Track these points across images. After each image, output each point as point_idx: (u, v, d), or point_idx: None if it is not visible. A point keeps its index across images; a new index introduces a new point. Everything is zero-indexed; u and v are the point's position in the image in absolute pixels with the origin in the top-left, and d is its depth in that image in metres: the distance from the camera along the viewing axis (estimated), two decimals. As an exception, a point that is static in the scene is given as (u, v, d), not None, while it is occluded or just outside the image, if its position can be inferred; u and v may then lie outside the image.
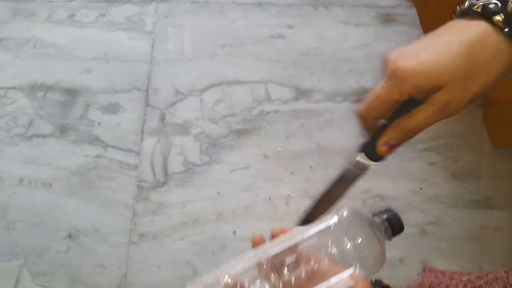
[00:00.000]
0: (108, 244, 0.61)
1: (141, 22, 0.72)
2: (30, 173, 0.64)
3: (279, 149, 0.66)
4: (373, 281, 0.39)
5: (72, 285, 0.60)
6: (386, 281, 0.40)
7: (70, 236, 0.62)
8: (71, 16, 0.72)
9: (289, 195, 0.63)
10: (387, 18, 0.72)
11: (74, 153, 0.65)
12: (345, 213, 0.38)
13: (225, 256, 0.61)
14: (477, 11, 0.30)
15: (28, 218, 0.62)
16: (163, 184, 0.64)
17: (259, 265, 0.37)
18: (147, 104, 0.68)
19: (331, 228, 0.38)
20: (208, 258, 0.61)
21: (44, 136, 0.66)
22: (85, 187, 0.64)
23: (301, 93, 0.69)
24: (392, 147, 0.33)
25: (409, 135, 0.32)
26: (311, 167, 0.65)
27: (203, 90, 0.69)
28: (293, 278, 0.36)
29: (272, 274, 0.36)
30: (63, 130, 0.66)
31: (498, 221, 0.63)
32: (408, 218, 0.63)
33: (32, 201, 0.63)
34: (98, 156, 0.65)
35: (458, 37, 0.30)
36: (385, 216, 0.38)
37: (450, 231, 0.63)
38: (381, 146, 0.33)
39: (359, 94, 0.69)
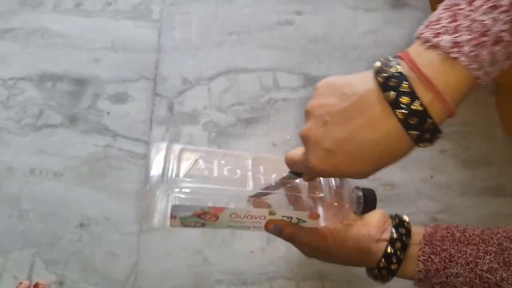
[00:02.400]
0: (119, 233, 0.62)
1: (148, 10, 0.71)
2: (41, 163, 0.65)
3: (288, 137, 0.66)
4: (394, 214, 0.43)
5: (84, 273, 0.61)
6: (405, 217, 0.44)
7: (81, 225, 0.62)
8: (78, 5, 0.71)
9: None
10: (397, 3, 0.71)
11: (83, 143, 0.66)
12: None
13: (235, 244, 0.62)
14: (387, 99, 0.30)
15: (40, 208, 0.63)
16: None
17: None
18: (155, 93, 0.68)
19: None
20: (218, 246, 0.62)
21: (54, 126, 0.67)
22: (95, 176, 0.64)
23: (310, 81, 0.68)
24: (312, 179, 0.42)
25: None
26: (320, 156, 0.65)
27: (211, 79, 0.68)
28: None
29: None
30: (72, 120, 0.67)
31: (510, 209, 0.62)
32: (419, 206, 0.63)
33: (44, 191, 0.64)
34: (107, 145, 0.66)
35: (367, 135, 0.31)
36: (365, 192, 0.46)
37: (461, 219, 0.62)
38: (304, 178, 0.41)
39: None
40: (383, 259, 0.44)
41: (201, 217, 0.41)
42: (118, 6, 0.71)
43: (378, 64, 0.32)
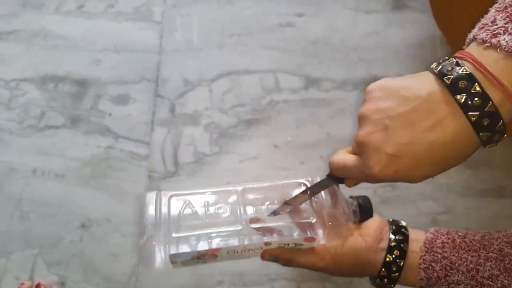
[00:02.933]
0: (120, 234, 0.62)
1: (150, 12, 0.72)
2: (43, 164, 0.65)
3: (289, 138, 0.66)
4: (390, 220, 0.43)
5: (85, 274, 0.61)
6: (402, 222, 0.44)
7: (83, 226, 0.63)
8: (80, 7, 0.72)
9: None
10: (398, 5, 0.71)
11: (85, 144, 0.66)
12: (318, 179, 0.45)
13: (236, 245, 0.62)
14: (459, 101, 0.29)
15: (41, 209, 0.63)
16: (174, 174, 0.64)
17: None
18: (156, 95, 0.68)
19: (301, 185, 0.46)
20: (219, 247, 0.62)
21: (56, 128, 0.67)
22: (97, 177, 0.64)
23: (311, 82, 0.68)
24: (355, 185, 0.39)
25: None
26: (321, 157, 0.65)
27: (212, 80, 0.69)
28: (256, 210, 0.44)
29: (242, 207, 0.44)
30: (74, 121, 0.67)
31: (511, 210, 0.62)
32: (420, 207, 0.63)
33: (46, 192, 0.64)
34: (109, 146, 0.66)
35: (434, 137, 0.30)
36: (360, 201, 0.46)
37: (462, 220, 0.62)
38: (348, 184, 0.40)
39: (369, 83, 0.68)
40: (383, 268, 0.44)
41: (201, 259, 0.43)
42: (119, 8, 0.72)
43: (437, 66, 0.31)
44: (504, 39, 0.29)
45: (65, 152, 0.66)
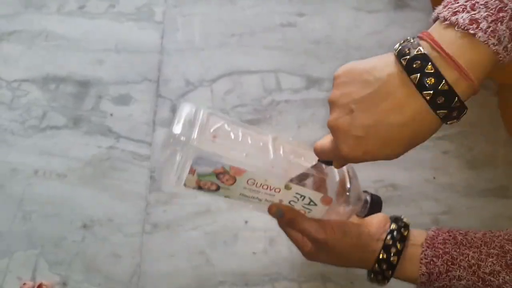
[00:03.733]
0: (122, 234, 0.62)
1: (151, 12, 0.72)
2: (45, 165, 0.65)
3: (291, 138, 0.65)
4: (393, 217, 0.46)
5: (87, 274, 0.61)
6: (404, 218, 0.46)
7: (85, 226, 0.63)
8: (81, 7, 0.72)
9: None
10: (400, 4, 0.71)
11: (87, 144, 0.66)
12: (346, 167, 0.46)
13: (237, 245, 0.62)
14: (413, 81, 0.30)
15: (43, 209, 0.63)
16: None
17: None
18: (158, 95, 0.68)
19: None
20: (220, 247, 0.62)
21: (58, 128, 0.67)
22: (99, 178, 0.64)
23: (312, 82, 0.68)
24: (342, 166, 0.41)
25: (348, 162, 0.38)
26: (323, 157, 0.65)
27: (214, 80, 0.69)
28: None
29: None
30: (76, 122, 0.67)
31: (513, 210, 0.62)
32: (422, 207, 0.63)
33: (47, 192, 0.64)
34: (110, 147, 0.66)
35: (395, 119, 0.32)
36: (372, 197, 0.47)
37: (464, 220, 0.62)
38: (335, 166, 0.40)
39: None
40: (382, 251, 0.44)
41: (219, 177, 0.42)
42: (121, 8, 0.72)
43: (398, 46, 0.32)
44: (462, 17, 0.30)
45: (66, 152, 0.66)
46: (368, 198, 0.48)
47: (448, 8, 0.31)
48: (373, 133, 0.33)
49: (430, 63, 0.30)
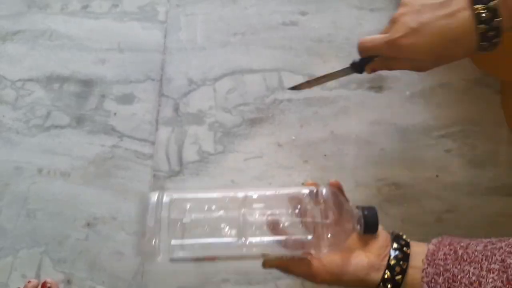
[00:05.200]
0: (126, 232, 0.63)
1: (154, 11, 0.72)
2: (49, 163, 0.66)
3: (293, 137, 0.66)
4: (393, 235, 0.44)
5: (91, 272, 0.61)
6: (405, 237, 0.45)
7: (88, 224, 0.63)
8: (84, 7, 0.72)
9: (303, 184, 0.63)
10: (402, 3, 0.71)
11: (90, 143, 0.66)
12: (324, 191, 0.44)
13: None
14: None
15: (47, 207, 0.64)
16: (178, 173, 0.65)
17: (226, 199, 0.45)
18: (161, 94, 0.68)
19: (304, 195, 0.45)
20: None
21: (62, 127, 0.67)
22: (102, 176, 0.65)
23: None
24: (374, 71, 0.49)
25: (389, 69, 0.47)
26: (325, 156, 0.65)
27: (216, 79, 0.69)
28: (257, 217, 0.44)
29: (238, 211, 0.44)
30: (79, 121, 0.67)
31: (516, 208, 0.62)
32: (424, 206, 0.63)
33: (51, 191, 0.65)
34: (114, 146, 0.66)
35: (449, 22, 0.40)
36: (365, 212, 0.44)
37: (467, 218, 0.62)
38: (367, 70, 0.49)
39: (373, 81, 0.68)
40: (387, 271, 0.43)
41: (200, 260, 0.46)
42: (124, 8, 0.72)
43: None
44: None
45: (70, 151, 0.66)
46: (360, 215, 0.44)
47: None
48: (426, 28, 0.40)
49: None
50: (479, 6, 0.39)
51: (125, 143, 0.66)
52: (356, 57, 0.50)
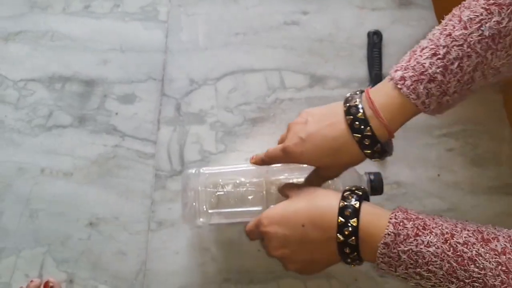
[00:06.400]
0: (128, 232, 0.63)
1: (155, 11, 0.72)
2: (51, 163, 0.66)
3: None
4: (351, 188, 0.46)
5: (94, 271, 0.62)
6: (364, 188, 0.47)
7: (91, 224, 0.63)
8: (86, 7, 0.72)
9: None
10: (403, 2, 0.71)
11: (92, 143, 0.67)
12: None
13: (242, 243, 0.62)
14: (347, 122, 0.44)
15: (50, 207, 0.64)
16: (180, 172, 0.65)
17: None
18: (162, 94, 0.68)
19: None
20: (225, 245, 0.62)
21: (64, 127, 0.68)
22: (104, 176, 0.65)
23: (316, 80, 0.68)
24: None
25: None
26: (327, 155, 0.65)
27: (218, 79, 0.69)
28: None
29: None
30: (81, 121, 0.68)
31: (518, 207, 0.62)
32: (426, 205, 0.63)
33: (54, 191, 0.65)
34: (116, 145, 0.66)
35: (331, 132, 0.45)
36: (371, 177, 0.56)
37: (468, 218, 0.61)
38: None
39: (373, 81, 0.68)
40: (341, 201, 0.43)
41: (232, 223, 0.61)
42: (125, 8, 0.72)
43: (346, 99, 0.45)
44: (397, 74, 0.42)
45: (72, 151, 0.66)
46: (367, 179, 0.55)
47: (396, 65, 0.43)
48: (312, 139, 0.45)
49: (362, 112, 0.43)
50: (350, 117, 0.43)
51: (127, 142, 0.67)
52: (356, 57, 0.50)
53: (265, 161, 0.50)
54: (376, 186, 0.55)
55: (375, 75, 0.66)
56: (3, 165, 0.66)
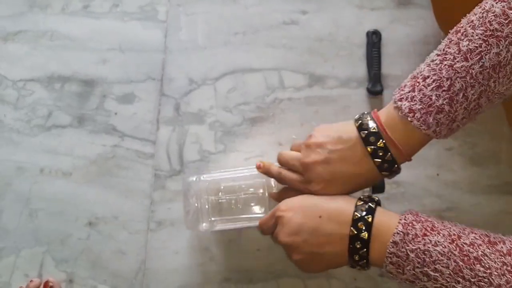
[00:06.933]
0: (127, 231, 0.63)
1: (154, 11, 0.72)
2: (51, 163, 0.66)
3: (294, 136, 0.66)
4: (361, 197, 0.47)
5: (93, 271, 0.62)
6: (376, 198, 0.48)
7: (90, 223, 0.63)
8: (85, 7, 0.72)
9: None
10: (402, 1, 0.71)
11: (92, 143, 0.67)
12: None
13: (242, 242, 0.62)
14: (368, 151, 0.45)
15: (49, 207, 0.64)
16: (179, 172, 0.65)
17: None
18: (161, 94, 0.69)
19: None
20: (225, 244, 0.62)
21: (63, 127, 0.68)
22: (104, 176, 0.65)
23: (315, 80, 0.68)
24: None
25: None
26: (326, 154, 0.65)
27: (217, 79, 0.69)
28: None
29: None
30: (80, 121, 0.68)
31: (517, 206, 0.62)
32: (425, 204, 0.63)
33: (53, 190, 0.65)
34: (115, 145, 0.66)
35: (355, 170, 0.46)
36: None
37: (468, 217, 0.62)
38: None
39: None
40: (355, 211, 0.44)
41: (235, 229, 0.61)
42: (124, 8, 0.72)
43: (357, 119, 0.46)
44: (404, 105, 0.43)
45: (72, 151, 0.66)
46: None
47: (400, 92, 0.44)
48: (338, 178, 0.46)
49: (382, 140, 0.44)
50: (377, 160, 0.45)
51: (126, 142, 0.67)
52: (355, 57, 0.50)
53: (280, 181, 0.52)
54: (377, 184, 0.54)
55: (374, 75, 0.66)
56: (3, 164, 0.66)
